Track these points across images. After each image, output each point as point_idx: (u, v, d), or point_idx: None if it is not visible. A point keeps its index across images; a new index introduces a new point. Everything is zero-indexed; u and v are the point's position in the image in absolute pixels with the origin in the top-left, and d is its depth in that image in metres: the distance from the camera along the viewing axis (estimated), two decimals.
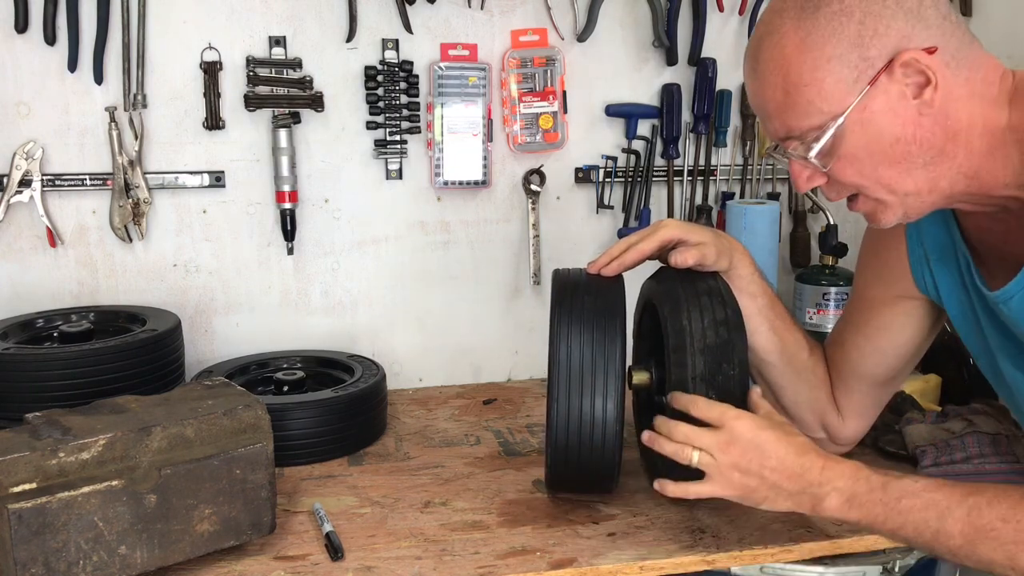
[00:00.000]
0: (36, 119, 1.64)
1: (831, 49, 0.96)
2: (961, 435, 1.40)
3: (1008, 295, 1.04)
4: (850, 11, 0.95)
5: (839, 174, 1.01)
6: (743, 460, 1.08)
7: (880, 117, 0.97)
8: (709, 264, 1.25)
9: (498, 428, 1.65)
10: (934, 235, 1.18)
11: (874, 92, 0.96)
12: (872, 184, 1.01)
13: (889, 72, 0.95)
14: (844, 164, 1.00)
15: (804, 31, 0.97)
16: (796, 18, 0.98)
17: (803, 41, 0.97)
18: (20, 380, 1.43)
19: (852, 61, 0.96)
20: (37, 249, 1.68)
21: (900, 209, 1.03)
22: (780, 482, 1.07)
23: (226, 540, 1.15)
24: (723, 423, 1.09)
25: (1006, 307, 1.05)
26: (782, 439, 1.08)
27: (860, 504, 1.04)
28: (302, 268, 1.80)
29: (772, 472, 1.07)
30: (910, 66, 0.95)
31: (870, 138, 0.98)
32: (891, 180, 1.00)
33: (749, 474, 1.08)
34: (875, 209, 1.04)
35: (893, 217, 1.04)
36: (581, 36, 1.82)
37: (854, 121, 0.97)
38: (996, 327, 1.12)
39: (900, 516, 1.01)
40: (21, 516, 0.99)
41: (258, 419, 1.19)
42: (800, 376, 1.33)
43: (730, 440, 1.08)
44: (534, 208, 1.86)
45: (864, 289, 1.30)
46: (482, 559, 1.18)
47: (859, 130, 0.97)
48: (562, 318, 1.21)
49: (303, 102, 1.72)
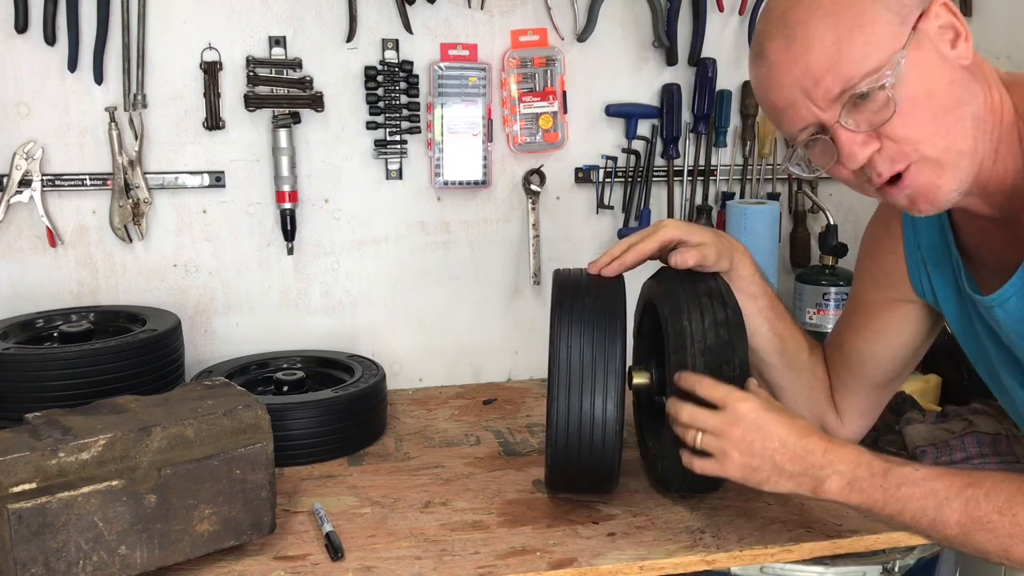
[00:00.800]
0: (36, 119, 1.64)
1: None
2: (961, 435, 1.40)
3: (999, 299, 1.04)
4: None
5: (898, 128, 0.95)
6: (746, 441, 1.08)
7: (930, 60, 0.95)
8: (710, 265, 1.25)
9: (498, 428, 1.65)
10: (930, 240, 1.18)
11: (918, 38, 0.95)
12: (932, 136, 0.96)
13: (926, 19, 0.95)
14: (905, 113, 0.95)
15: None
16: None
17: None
18: (20, 380, 1.43)
19: (893, 6, 0.95)
20: (37, 249, 1.68)
21: (955, 174, 0.98)
22: (783, 463, 1.07)
23: (226, 540, 1.15)
24: (727, 404, 1.10)
25: (1001, 309, 1.04)
26: (785, 421, 1.09)
27: (860, 489, 1.04)
28: (302, 268, 1.80)
29: (775, 453, 1.07)
30: (942, 17, 0.95)
31: (927, 79, 0.95)
32: (949, 130, 0.96)
33: (752, 455, 1.08)
34: (931, 177, 0.98)
35: (951, 184, 0.98)
36: (581, 36, 1.82)
37: (911, 61, 0.94)
38: (989, 333, 1.12)
39: (899, 503, 1.02)
40: (21, 516, 0.99)
41: (258, 419, 1.19)
42: (800, 377, 1.33)
43: (734, 421, 1.09)
44: (534, 208, 1.86)
45: (862, 292, 1.30)
46: (482, 559, 1.18)
47: (916, 73, 0.94)
48: (562, 318, 1.21)
49: (303, 102, 1.72)
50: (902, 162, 0.97)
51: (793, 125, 1.01)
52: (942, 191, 0.99)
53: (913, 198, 1.00)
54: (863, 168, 0.99)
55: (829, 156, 1.00)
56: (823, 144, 1.00)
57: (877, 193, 1.02)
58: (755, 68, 1.03)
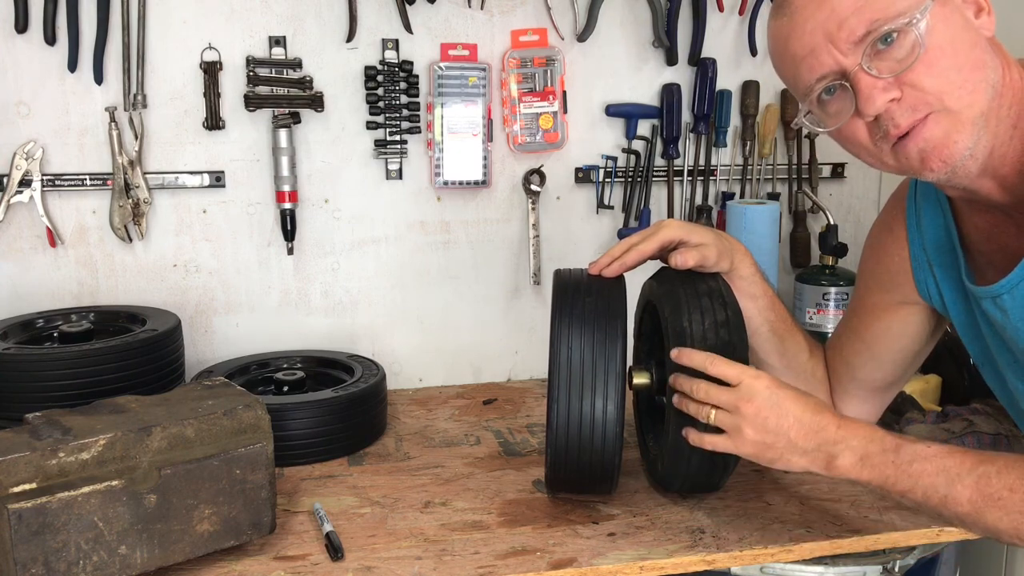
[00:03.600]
0: (36, 119, 1.64)
1: None
2: (961, 435, 1.40)
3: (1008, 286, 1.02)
4: None
5: (922, 76, 0.94)
6: (760, 417, 1.09)
7: (956, 18, 0.95)
8: (710, 265, 1.25)
9: (498, 428, 1.65)
10: (935, 238, 1.17)
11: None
12: (955, 89, 0.94)
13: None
14: (929, 62, 0.93)
15: None
16: None
17: None
18: (20, 380, 1.43)
19: None
20: (37, 249, 1.68)
21: (972, 132, 0.96)
22: (797, 439, 1.08)
23: (226, 540, 1.15)
24: (741, 380, 1.10)
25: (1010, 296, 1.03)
26: (799, 397, 1.09)
27: (872, 465, 1.04)
28: (302, 268, 1.80)
29: (790, 429, 1.08)
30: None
31: (953, 34, 0.94)
32: (974, 87, 0.95)
33: (767, 431, 1.09)
34: (948, 131, 0.96)
35: (965, 140, 0.96)
36: (581, 36, 1.82)
37: (938, 12, 0.94)
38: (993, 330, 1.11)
39: (910, 479, 1.02)
40: (21, 516, 0.99)
41: (258, 419, 1.19)
42: (800, 378, 1.33)
43: (748, 397, 1.09)
44: (534, 208, 1.86)
45: (865, 295, 1.30)
46: (482, 559, 1.18)
47: (942, 24, 0.94)
48: (563, 318, 1.21)
49: (303, 102, 1.72)
50: (923, 110, 0.95)
51: (812, 73, 0.99)
52: (958, 146, 0.96)
53: (926, 153, 0.97)
54: (879, 121, 0.97)
55: (845, 109, 0.98)
56: (841, 94, 0.98)
57: (891, 154, 0.99)
58: (776, 20, 1.02)
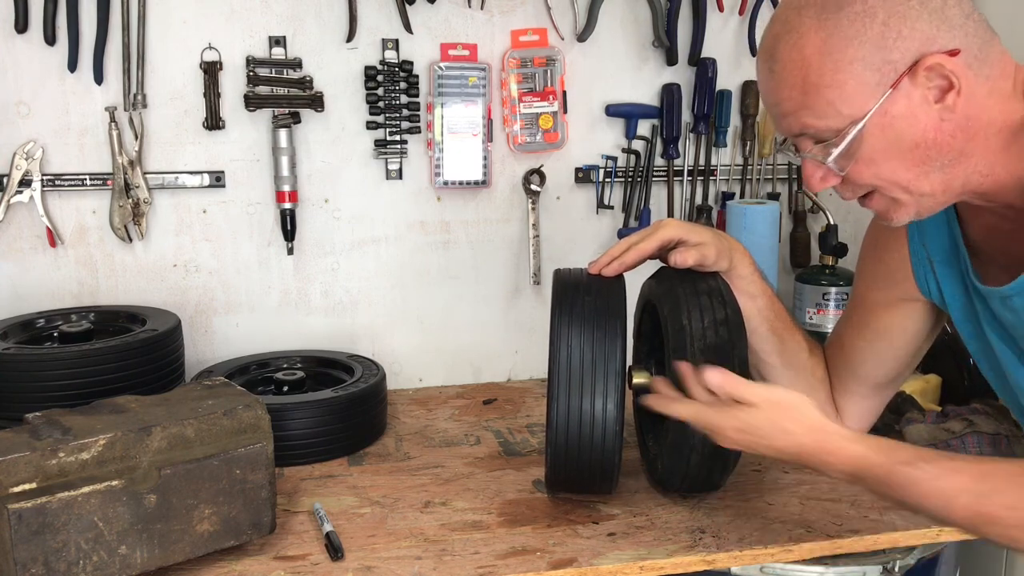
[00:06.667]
0: (36, 119, 1.64)
1: (853, 51, 0.94)
2: (961, 435, 1.40)
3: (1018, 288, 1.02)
4: (873, 12, 0.93)
5: (856, 176, 1.00)
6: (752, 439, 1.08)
7: (901, 121, 0.95)
8: (709, 264, 1.25)
9: (498, 428, 1.65)
10: (936, 237, 1.17)
11: (896, 96, 0.94)
12: (889, 185, 1.00)
13: (912, 76, 0.93)
14: (862, 167, 0.99)
15: (826, 32, 0.95)
16: (817, 17, 0.95)
17: (824, 42, 0.95)
18: (20, 380, 1.43)
19: (875, 64, 0.94)
20: (37, 249, 1.68)
21: (914, 208, 1.02)
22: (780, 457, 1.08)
23: (226, 540, 1.15)
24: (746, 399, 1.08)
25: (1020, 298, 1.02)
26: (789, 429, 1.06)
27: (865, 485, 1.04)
28: (302, 268, 1.80)
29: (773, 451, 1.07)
30: (933, 70, 0.93)
31: (889, 142, 0.96)
32: (909, 182, 0.99)
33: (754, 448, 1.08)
34: (889, 208, 1.03)
35: (906, 216, 1.03)
36: (581, 36, 1.82)
37: (874, 124, 0.95)
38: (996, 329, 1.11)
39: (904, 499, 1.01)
40: (21, 516, 0.99)
41: (258, 419, 1.19)
42: (799, 377, 1.33)
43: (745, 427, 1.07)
44: (534, 208, 1.86)
45: (864, 292, 1.30)
46: (482, 559, 1.18)
47: (879, 133, 0.96)
48: (562, 318, 1.21)
49: (303, 102, 1.72)
50: (863, 190, 1.02)
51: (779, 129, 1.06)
52: (901, 219, 1.04)
53: (880, 215, 1.05)
54: None
55: None
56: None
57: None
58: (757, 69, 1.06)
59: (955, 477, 0.99)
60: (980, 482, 0.97)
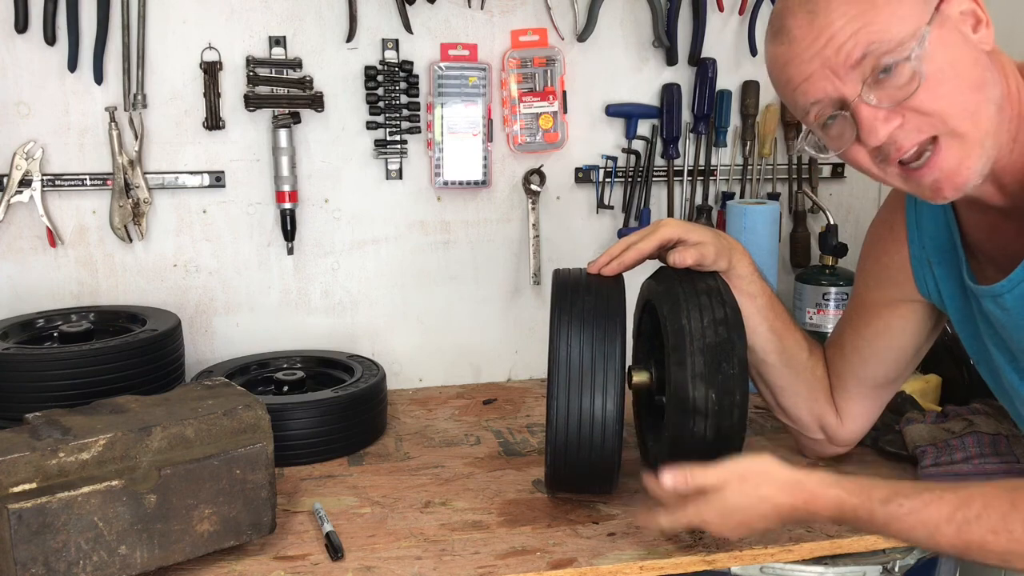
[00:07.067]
0: (36, 119, 1.64)
1: None
2: (961, 435, 1.39)
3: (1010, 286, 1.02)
4: None
5: (924, 101, 0.94)
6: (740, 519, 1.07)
7: (955, 38, 0.95)
8: (708, 264, 1.25)
9: (498, 428, 1.65)
10: (935, 237, 1.17)
11: (941, 17, 0.94)
12: (958, 112, 0.94)
13: (948, 2, 0.95)
14: (931, 87, 0.93)
15: None
16: None
17: None
18: (20, 380, 1.43)
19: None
20: (37, 249, 1.68)
21: (981, 154, 0.96)
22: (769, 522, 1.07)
23: (226, 540, 1.15)
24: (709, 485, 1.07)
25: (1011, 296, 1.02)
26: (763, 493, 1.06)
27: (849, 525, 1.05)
28: (302, 268, 1.80)
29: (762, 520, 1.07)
30: (964, 3, 0.96)
31: (953, 56, 0.94)
32: (977, 105, 0.95)
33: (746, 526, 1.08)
34: (959, 159, 0.96)
35: (976, 163, 0.96)
36: (581, 36, 1.82)
37: (936, 37, 0.93)
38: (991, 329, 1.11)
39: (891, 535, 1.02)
40: (21, 516, 0.99)
41: (258, 419, 1.19)
42: (799, 377, 1.33)
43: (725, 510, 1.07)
44: (534, 208, 1.86)
45: (864, 292, 1.30)
46: (482, 559, 1.18)
47: (941, 48, 0.93)
48: (562, 318, 1.21)
49: (303, 102, 1.72)
50: (927, 132, 0.95)
51: (808, 98, 0.99)
52: (971, 172, 0.97)
53: (939, 182, 0.98)
54: (881, 146, 0.97)
55: (846, 136, 0.98)
56: (841, 122, 0.98)
57: (897, 176, 1.00)
58: (774, 45, 1.01)
59: (935, 508, 0.98)
60: (961, 509, 0.96)
